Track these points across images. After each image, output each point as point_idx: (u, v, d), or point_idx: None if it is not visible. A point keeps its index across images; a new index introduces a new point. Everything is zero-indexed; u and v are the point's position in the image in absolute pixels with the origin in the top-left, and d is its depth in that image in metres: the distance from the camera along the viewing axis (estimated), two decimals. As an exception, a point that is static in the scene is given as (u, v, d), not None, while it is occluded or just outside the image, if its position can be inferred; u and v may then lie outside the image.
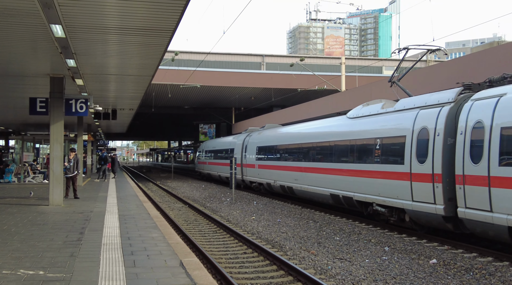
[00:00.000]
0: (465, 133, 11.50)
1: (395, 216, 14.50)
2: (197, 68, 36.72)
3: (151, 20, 9.90)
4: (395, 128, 14.60)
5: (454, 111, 12.35)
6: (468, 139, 11.39)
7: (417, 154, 13.19)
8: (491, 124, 10.76)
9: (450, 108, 12.42)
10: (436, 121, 12.63)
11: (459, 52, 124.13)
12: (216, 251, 11.98)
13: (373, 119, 16.32)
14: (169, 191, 30.13)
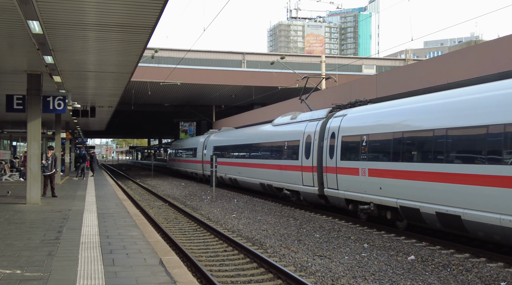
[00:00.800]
0: (328, 139, 17.03)
1: (295, 197, 20.11)
2: (177, 65, 36.53)
3: (131, 17, 9.81)
4: (294, 134, 20.19)
5: (324, 124, 17.92)
6: (327, 143, 16.97)
7: (305, 152, 18.76)
8: (337, 133, 16.38)
9: (322, 122, 18.10)
10: (315, 130, 18.19)
11: (438, 51, 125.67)
12: (196, 249, 11.95)
13: (284, 127, 21.97)
14: (149, 189, 29.94)
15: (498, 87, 10.58)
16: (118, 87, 19.61)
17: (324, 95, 28.36)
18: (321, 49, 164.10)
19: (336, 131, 16.42)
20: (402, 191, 12.90)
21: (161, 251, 8.51)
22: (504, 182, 9.71)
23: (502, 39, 16.38)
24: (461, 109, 11.20)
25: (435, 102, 12.31)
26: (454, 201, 11.03)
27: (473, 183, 10.49)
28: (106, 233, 10.36)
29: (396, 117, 13.73)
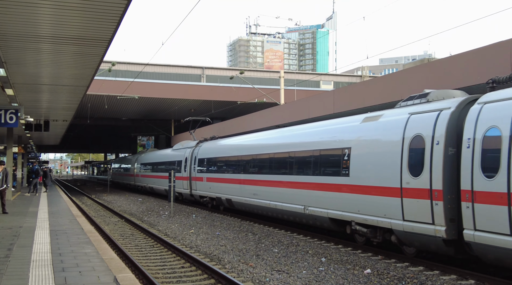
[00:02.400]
0: (194, 159, 27.83)
1: (181, 197, 29.97)
2: (135, 79, 36.11)
3: (87, 29, 9.67)
4: (180, 156, 30.59)
5: (193, 150, 28.56)
6: (193, 162, 27.63)
7: (184, 167, 29.29)
8: (197, 156, 26.16)
9: (193, 149, 28.64)
10: (189, 154, 28.86)
11: (393, 68, 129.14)
12: (153, 266, 11.73)
13: (176, 151, 32.30)
14: (105, 205, 29.28)
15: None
16: (74, 101, 19.22)
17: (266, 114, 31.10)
18: (280, 65, 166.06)
19: (196, 154, 27.39)
20: (221, 189, 23.44)
21: (116, 268, 8.31)
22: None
23: (453, 57, 17.01)
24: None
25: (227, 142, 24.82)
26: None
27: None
28: (59, 250, 10.04)
29: (221, 149, 24.81)
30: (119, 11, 8.55)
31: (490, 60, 14.25)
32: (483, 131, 9.47)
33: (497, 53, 14.07)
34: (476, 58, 14.91)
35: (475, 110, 9.88)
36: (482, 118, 9.62)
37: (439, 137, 10.59)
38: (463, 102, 10.79)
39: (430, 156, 10.72)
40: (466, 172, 9.69)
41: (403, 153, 11.45)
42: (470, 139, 9.71)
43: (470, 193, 9.57)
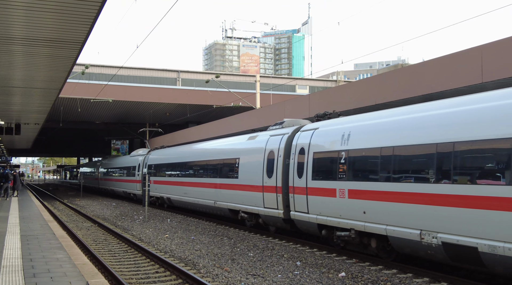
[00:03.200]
0: (145, 166, 32.65)
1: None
2: (109, 82, 35.68)
3: (60, 31, 9.54)
4: (134, 162, 35.58)
5: (146, 157, 33.14)
6: (144, 168, 32.23)
7: (137, 171, 33.72)
8: (146, 163, 32.06)
9: (145, 156, 33.02)
10: (142, 160, 33.39)
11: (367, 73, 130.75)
12: (126, 271, 11.58)
13: (128, 158, 38.12)
14: (78, 209, 28.83)
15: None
16: (46, 104, 18.91)
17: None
18: (256, 69, 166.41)
19: (146, 161, 31.50)
20: (162, 190, 28.18)
21: (88, 274, 8.18)
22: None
23: (426, 62, 17.29)
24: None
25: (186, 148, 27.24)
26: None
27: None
28: (30, 256, 9.84)
29: (163, 157, 29.59)
30: (92, 13, 8.46)
31: (461, 66, 14.54)
32: (297, 149, 14.95)
33: (467, 59, 14.36)
34: (448, 64, 15.19)
35: (297, 135, 15.34)
36: (298, 141, 15.15)
37: (281, 151, 16.02)
38: (296, 129, 15.99)
39: (277, 164, 16.11)
40: (291, 174, 15.06)
41: (264, 162, 16.81)
42: (293, 154, 15.14)
43: (292, 188, 14.99)
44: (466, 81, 14.05)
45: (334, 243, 13.59)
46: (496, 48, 13.54)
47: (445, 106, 10.39)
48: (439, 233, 9.70)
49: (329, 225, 13.29)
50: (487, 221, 8.79)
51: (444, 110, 10.26)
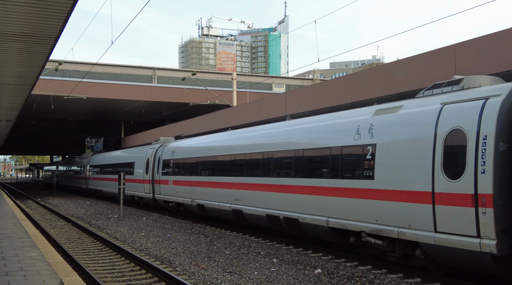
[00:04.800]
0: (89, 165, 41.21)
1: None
2: (83, 79, 35.18)
3: (33, 26, 9.35)
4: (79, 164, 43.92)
5: (88, 160, 41.91)
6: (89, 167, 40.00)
7: (83, 170, 42.58)
8: (89, 164, 41.23)
9: (89, 158, 41.39)
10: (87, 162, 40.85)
11: (343, 72, 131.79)
12: (101, 270, 11.44)
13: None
14: (51, 208, 28.37)
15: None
16: (18, 100, 18.54)
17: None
18: (233, 67, 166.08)
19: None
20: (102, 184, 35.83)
21: (62, 272, 8.05)
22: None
23: (400, 61, 17.52)
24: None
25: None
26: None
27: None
28: (2, 254, 9.65)
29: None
30: (66, 7, 8.32)
31: (434, 64, 14.76)
32: (157, 157, 25.87)
33: (441, 57, 14.59)
34: (422, 62, 15.41)
35: (160, 149, 25.61)
36: (158, 153, 25.76)
37: (151, 158, 25.96)
38: (160, 145, 25.79)
39: (147, 166, 26.72)
40: (154, 172, 25.55)
41: (144, 165, 26.89)
42: (156, 160, 25.62)
43: (157, 180, 24.63)
44: (440, 79, 14.25)
45: (170, 207, 23.06)
46: (469, 47, 13.78)
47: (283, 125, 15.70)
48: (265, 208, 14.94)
49: (166, 200, 23.39)
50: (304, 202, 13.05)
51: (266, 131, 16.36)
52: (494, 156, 8.39)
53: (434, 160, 9.30)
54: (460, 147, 8.92)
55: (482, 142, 8.60)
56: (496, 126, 8.46)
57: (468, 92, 9.45)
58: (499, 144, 8.44)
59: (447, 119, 9.30)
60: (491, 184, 8.33)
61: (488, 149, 8.46)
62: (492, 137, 8.46)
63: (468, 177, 8.69)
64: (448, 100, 9.59)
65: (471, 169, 8.66)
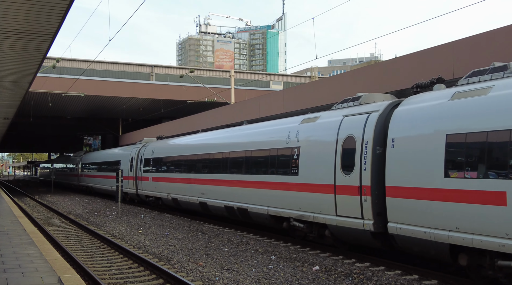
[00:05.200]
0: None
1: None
2: (80, 76, 35.12)
3: (30, 23, 9.33)
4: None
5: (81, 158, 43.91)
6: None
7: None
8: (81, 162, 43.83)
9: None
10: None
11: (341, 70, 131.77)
12: (99, 267, 11.44)
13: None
14: (49, 206, 28.35)
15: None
16: (15, 98, 18.51)
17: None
18: (231, 65, 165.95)
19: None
20: (92, 181, 38.40)
21: (60, 269, 8.06)
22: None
23: (398, 59, 17.51)
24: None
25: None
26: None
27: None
28: (0, 251, 9.63)
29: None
30: (63, 4, 8.30)
31: (432, 62, 14.77)
32: (140, 156, 27.72)
33: (438, 55, 14.59)
34: (419, 60, 15.41)
35: (142, 149, 27.21)
36: (141, 152, 28.05)
37: (134, 157, 28.18)
38: (142, 146, 28.27)
39: (131, 166, 28.81)
40: (137, 171, 27.66)
41: (129, 164, 29.40)
42: (139, 159, 27.55)
43: (140, 177, 27.35)
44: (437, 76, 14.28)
45: (150, 201, 25.73)
46: (467, 44, 13.79)
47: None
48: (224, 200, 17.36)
49: (147, 195, 25.87)
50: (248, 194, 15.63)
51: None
52: (372, 157, 10.94)
53: (336, 159, 11.90)
54: (352, 150, 11.49)
55: (365, 146, 11.15)
56: (374, 134, 11.01)
57: (361, 108, 12.06)
58: (376, 148, 10.96)
59: (344, 128, 11.93)
60: (369, 178, 10.91)
61: (369, 151, 11.01)
62: (371, 143, 11.01)
63: (355, 173, 11.29)
64: (347, 113, 12.22)
65: (357, 167, 11.23)
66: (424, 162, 9.60)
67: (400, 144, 10.23)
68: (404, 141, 10.18)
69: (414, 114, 10.16)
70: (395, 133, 10.38)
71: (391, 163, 10.38)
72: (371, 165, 10.85)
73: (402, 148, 10.18)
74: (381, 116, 11.09)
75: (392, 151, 10.37)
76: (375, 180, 10.83)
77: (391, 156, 10.37)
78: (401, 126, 10.33)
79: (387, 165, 10.45)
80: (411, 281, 9.75)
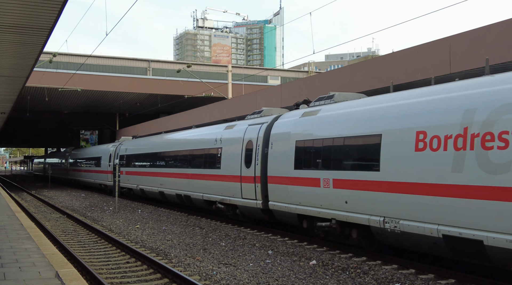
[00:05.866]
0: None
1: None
2: (77, 71, 35.00)
3: (26, 17, 9.29)
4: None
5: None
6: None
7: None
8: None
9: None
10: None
11: (338, 65, 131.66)
12: (96, 262, 11.46)
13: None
14: (46, 201, 28.33)
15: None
16: (12, 92, 18.45)
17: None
18: (228, 59, 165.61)
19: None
20: (78, 174, 42.21)
21: (58, 263, 8.06)
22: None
23: (395, 53, 17.51)
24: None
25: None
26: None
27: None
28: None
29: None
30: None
31: (429, 56, 14.77)
32: (116, 154, 31.47)
33: (436, 50, 14.60)
34: (416, 55, 15.41)
35: (118, 147, 31.11)
36: (116, 150, 31.80)
37: (112, 154, 31.28)
38: (119, 144, 31.88)
39: (109, 160, 32.62)
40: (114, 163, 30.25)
41: (107, 159, 32.72)
42: (116, 155, 30.42)
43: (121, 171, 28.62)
44: (435, 72, 14.30)
45: (124, 192, 28.69)
46: (464, 39, 13.80)
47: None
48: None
49: (122, 186, 27.90)
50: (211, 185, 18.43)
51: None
52: (261, 155, 15.00)
53: (242, 157, 15.99)
54: (251, 150, 15.62)
55: (258, 148, 15.26)
56: (263, 139, 15.13)
57: (259, 119, 16.20)
58: (264, 149, 15.01)
59: (247, 133, 16.09)
60: (260, 171, 15.02)
61: (259, 151, 15.13)
62: (261, 145, 15.11)
63: (252, 167, 15.42)
64: (251, 123, 16.37)
65: (253, 162, 15.34)
66: (285, 159, 13.73)
67: (275, 146, 14.37)
68: (276, 144, 14.35)
69: (282, 126, 14.40)
70: (272, 139, 14.57)
71: (270, 160, 14.52)
72: (261, 161, 14.93)
73: (275, 149, 14.33)
74: (268, 126, 15.18)
75: (271, 151, 14.55)
76: (263, 172, 14.84)
77: (271, 154, 14.53)
78: (275, 134, 14.53)
79: (269, 161, 14.58)
80: (408, 275, 9.80)
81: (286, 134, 13.83)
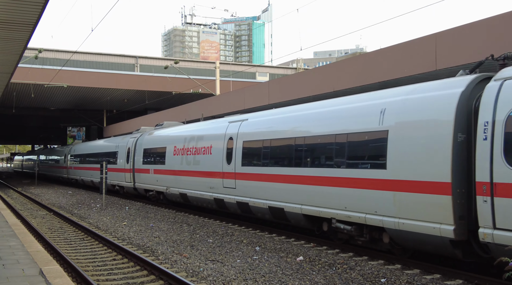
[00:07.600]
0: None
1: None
2: (63, 67, 34.67)
3: (10, 12, 9.17)
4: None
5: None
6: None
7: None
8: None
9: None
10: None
11: (326, 61, 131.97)
12: (82, 259, 11.39)
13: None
14: (32, 198, 28.10)
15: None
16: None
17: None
18: (216, 56, 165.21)
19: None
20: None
21: (42, 261, 8.00)
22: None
23: (381, 50, 17.56)
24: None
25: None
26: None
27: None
28: (-20, 245, 9.53)
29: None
30: (44, -7, 8.18)
31: (415, 53, 14.84)
32: None
33: (422, 46, 14.66)
34: (403, 51, 15.48)
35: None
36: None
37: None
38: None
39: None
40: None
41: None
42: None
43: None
44: (421, 68, 14.37)
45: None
46: (450, 36, 13.87)
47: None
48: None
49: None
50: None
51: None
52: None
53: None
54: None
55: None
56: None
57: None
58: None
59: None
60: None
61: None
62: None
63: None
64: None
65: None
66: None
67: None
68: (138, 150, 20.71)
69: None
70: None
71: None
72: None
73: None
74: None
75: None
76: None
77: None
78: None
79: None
80: (394, 271, 9.86)
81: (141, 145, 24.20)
